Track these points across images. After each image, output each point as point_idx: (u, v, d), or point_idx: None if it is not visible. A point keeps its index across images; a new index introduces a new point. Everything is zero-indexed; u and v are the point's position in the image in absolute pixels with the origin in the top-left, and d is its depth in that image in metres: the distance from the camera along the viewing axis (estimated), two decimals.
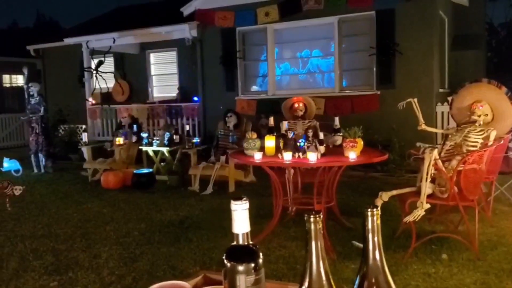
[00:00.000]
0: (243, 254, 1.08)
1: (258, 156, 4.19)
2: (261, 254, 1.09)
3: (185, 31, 10.14)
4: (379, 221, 1.06)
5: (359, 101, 8.89)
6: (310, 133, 4.47)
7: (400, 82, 8.59)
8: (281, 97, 9.51)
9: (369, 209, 1.04)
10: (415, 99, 4.50)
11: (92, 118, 11.77)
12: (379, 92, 8.75)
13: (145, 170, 7.46)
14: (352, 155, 4.03)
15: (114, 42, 11.02)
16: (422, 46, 8.44)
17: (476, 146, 4.01)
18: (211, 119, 10.37)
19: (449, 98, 8.11)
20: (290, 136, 4.49)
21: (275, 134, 4.79)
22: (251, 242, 1.10)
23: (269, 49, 9.73)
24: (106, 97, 12.52)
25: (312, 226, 1.02)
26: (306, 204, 4.62)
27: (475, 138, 4.04)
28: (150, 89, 13.80)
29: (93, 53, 12.03)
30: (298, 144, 4.34)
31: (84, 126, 8.60)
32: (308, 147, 4.33)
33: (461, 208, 3.82)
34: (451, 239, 4.16)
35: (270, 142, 4.48)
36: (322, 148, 4.34)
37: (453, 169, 3.95)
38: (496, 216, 4.95)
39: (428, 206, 3.70)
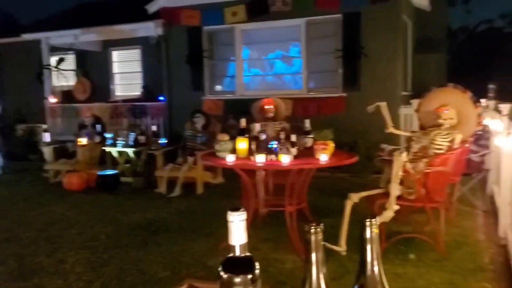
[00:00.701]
0: (240, 265, 1.06)
1: (230, 159, 4.16)
2: (257, 265, 1.07)
3: (150, 29, 9.99)
4: (377, 231, 1.06)
5: (325, 103, 8.98)
6: (282, 135, 4.47)
7: (365, 84, 8.75)
8: (249, 98, 9.52)
9: (368, 220, 1.04)
10: (384, 103, 4.56)
11: (52, 117, 11.42)
12: (345, 94, 8.87)
13: (109, 172, 7.29)
14: (323, 158, 4.07)
15: (76, 39, 10.72)
16: (387, 50, 8.62)
17: (442, 149, 4.13)
18: (177, 119, 10.24)
19: (412, 101, 8.35)
20: (262, 138, 4.48)
21: (247, 136, 4.78)
22: (247, 254, 1.08)
23: (237, 49, 9.70)
24: (67, 95, 12.19)
25: (313, 237, 1.01)
26: (278, 206, 4.63)
27: (441, 141, 4.16)
28: (113, 87, 13.52)
29: (54, 49, 11.71)
30: (270, 146, 4.34)
31: (45, 126, 8.32)
32: (280, 149, 4.34)
33: (428, 210, 3.91)
34: (418, 240, 4.26)
35: (242, 144, 4.45)
36: (294, 150, 4.35)
37: (420, 172, 4.05)
38: (459, 217, 5.10)
39: (398, 207, 3.78)
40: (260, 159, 4.08)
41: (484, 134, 5.27)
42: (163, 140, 7.21)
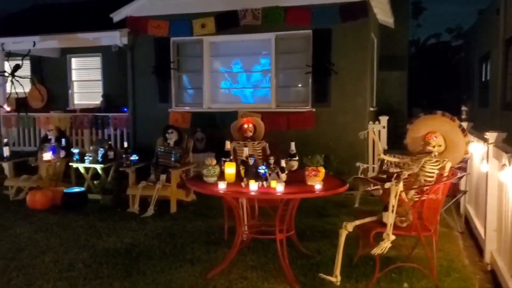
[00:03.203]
0: None
1: (222, 186, 4.03)
2: None
3: (115, 38, 9.64)
4: None
5: (295, 118, 8.99)
6: (272, 160, 4.39)
7: (334, 100, 8.82)
8: (217, 111, 9.43)
9: None
10: (374, 129, 4.58)
11: (6, 127, 10.82)
12: (314, 110, 8.90)
13: (76, 189, 6.94)
14: (317, 186, 4.02)
15: (34, 46, 10.16)
16: (356, 66, 8.73)
17: (432, 177, 4.17)
18: (141, 131, 9.97)
19: (381, 117, 8.48)
20: (251, 163, 4.37)
21: (231, 158, 4.66)
22: None
23: (205, 61, 9.55)
24: (22, 103, 11.58)
25: None
26: (266, 233, 4.54)
27: (431, 168, 4.20)
28: (71, 95, 13.01)
29: (7, 54, 11.09)
30: (259, 171, 4.23)
31: (5, 140, 7.79)
32: (269, 174, 4.25)
33: (422, 238, 3.94)
34: (407, 266, 4.27)
35: (230, 169, 4.33)
36: (283, 176, 4.28)
37: (411, 199, 4.08)
38: (440, 239, 5.16)
39: (394, 237, 3.77)
40: (253, 187, 3.97)
41: None
42: (134, 157, 6.91)
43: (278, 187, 3.91)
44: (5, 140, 7.81)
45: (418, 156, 4.36)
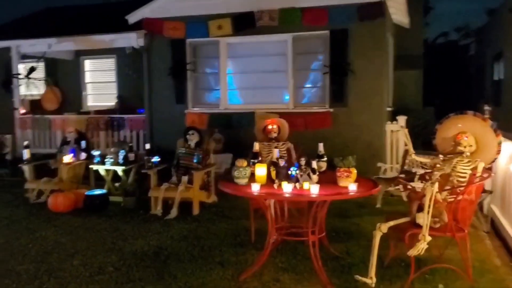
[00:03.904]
0: None
1: (255, 188, 4.02)
2: None
3: (132, 39, 9.66)
4: None
5: (312, 118, 8.97)
6: (303, 162, 4.37)
7: (352, 100, 8.79)
8: (233, 112, 9.43)
9: None
10: (406, 130, 4.55)
11: (22, 128, 10.86)
12: (331, 110, 8.88)
13: (98, 191, 6.95)
14: (352, 187, 4.00)
15: (50, 48, 10.22)
16: (373, 66, 8.70)
17: (465, 177, 4.14)
18: (158, 132, 9.97)
19: (398, 117, 8.42)
20: (282, 164, 4.35)
21: (259, 160, 4.65)
22: None
23: (222, 62, 9.54)
24: (35, 105, 11.63)
25: None
26: (296, 235, 4.52)
27: (463, 169, 4.17)
28: (85, 97, 13.04)
29: (22, 57, 11.13)
30: (290, 172, 4.22)
31: (26, 142, 7.81)
32: (301, 176, 4.24)
33: (458, 240, 3.91)
34: (440, 267, 4.24)
35: (260, 170, 4.32)
36: (315, 177, 4.26)
37: (445, 200, 4.05)
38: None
39: (430, 238, 3.75)
40: (287, 188, 3.96)
41: None
42: (156, 158, 6.91)
43: (313, 189, 3.89)
44: (25, 143, 7.80)
45: (449, 157, 4.33)
